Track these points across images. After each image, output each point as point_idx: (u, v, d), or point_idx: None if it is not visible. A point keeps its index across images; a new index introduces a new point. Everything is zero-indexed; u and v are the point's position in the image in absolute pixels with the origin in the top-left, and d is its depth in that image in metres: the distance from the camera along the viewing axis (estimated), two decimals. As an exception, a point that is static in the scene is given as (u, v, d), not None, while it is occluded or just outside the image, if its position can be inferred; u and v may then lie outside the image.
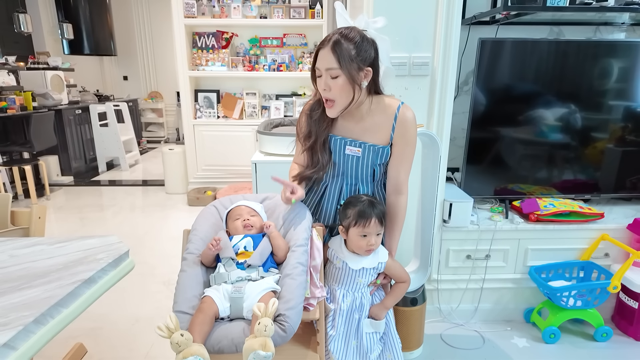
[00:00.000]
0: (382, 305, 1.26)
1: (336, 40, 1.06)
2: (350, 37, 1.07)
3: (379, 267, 1.23)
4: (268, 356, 0.84)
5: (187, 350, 0.84)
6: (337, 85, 1.09)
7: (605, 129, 2.02)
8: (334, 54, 1.06)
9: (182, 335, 0.84)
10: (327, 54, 1.07)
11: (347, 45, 1.06)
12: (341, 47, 1.05)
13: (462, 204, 1.82)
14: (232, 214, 1.22)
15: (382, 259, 1.23)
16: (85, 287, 0.98)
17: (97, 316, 2.04)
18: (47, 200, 3.96)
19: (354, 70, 1.08)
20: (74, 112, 4.71)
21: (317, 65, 1.12)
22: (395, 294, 1.28)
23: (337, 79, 1.08)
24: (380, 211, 1.18)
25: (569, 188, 2.08)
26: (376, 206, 1.18)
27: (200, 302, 0.99)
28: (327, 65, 1.08)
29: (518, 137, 2.02)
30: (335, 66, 1.06)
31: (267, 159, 1.85)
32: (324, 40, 1.10)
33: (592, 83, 1.95)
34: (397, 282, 1.29)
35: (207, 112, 3.93)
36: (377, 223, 1.17)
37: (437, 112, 1.72)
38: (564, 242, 1.92)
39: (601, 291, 1.78)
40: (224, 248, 1.08)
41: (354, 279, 1.22)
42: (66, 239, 1.22)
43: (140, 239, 3.06)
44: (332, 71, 1.08)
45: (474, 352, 1.77)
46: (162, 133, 7.02)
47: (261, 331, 0.85)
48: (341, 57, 1.05)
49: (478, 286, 1.95)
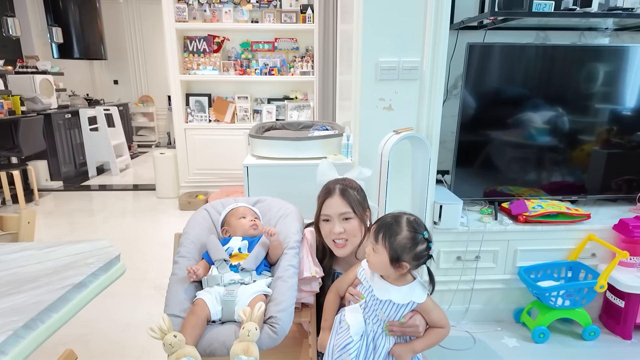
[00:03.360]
0: (409, 346, 1.06)
1: (343, 189, 1.21)
2: (352, 185, 1.24)
3: (410, 306, 1.04)
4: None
5: (180, 351, 0.84)
6: (351, 227, 1.20)
7: (591, 131, 2.06)
8: (345, 200, 1.20)
9: (175, 336, 0.84)
10: (337, 200, 1.20)
11: (352, 192, 1.22)
12: (349, 194, 1.21)
13: (452, 206, 1.85)
14: (237, 213, 1.23)
15: (417, 299, 1.03)
16: (75, 292, 0.98)
17: (87, 322, 2.02)
18: (36, 205, 3.91)
19: (361, 212, 1.22)
20: (64, 116, 4.66)
21: (326, 212, 1.21)
22: (429, 340, 1.07)
23: (349, 221, 1.20)
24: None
25: (556, 190, 2.12)
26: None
27: (192, 305, 1.00)
28: (341, 210, 1.19)
29: (507, 140, 2.05)
30: (349, 210, 1.19)
31: (259, 162, 1.86)
32: (328, 190, 1.22)
33: (578, 87, 1.99)
34: (433, 327, 1.08)
35: (198, 116, 3.92)
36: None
37: (427, 115, 1.74)
38: (552, 243, 1.95)
39: (588, 291, 1.81)
40: (216, 250, 1.08)
41: (376, 310, 1.05)
42: (55, 243, 1.21)
43: (131, 243, 3.04)
44: (345, 215, 1.20)
45: (465, 352, 1.79)
46: (153, 137, 6.97)
47: (244, 336, 0.86)
48: (352, 202, 1.20)
49: (468, 287, 1.97)
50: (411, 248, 1.00)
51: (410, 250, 1.00)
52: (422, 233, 1.01)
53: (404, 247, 1.00)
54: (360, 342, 1.04)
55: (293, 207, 1.32)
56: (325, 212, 1.21)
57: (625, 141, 2.09)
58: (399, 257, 1.00)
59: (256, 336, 0.87)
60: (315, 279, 1.17)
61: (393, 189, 1.61)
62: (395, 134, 1.54)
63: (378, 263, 1.03)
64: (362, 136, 1.76)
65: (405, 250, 1.00)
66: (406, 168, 1.75)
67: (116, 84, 6.90)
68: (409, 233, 1.00)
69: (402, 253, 1.00)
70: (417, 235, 1.01)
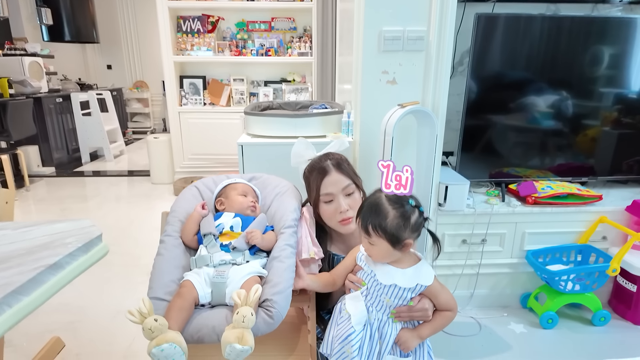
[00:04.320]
0: (415, 332, 0.99)
1: (336, 163, 1.15)
2: (342, 158, 1.20)
3: (417, 289, 0.96)
4: (245, 350, 0.75)
5: (162, 336, 0.75)
6: (354, 201, 1.15)
7: (602, 111, 1.96)
8: (343, 174, 1.14)
9: (156, 320, 0.75)
10: (336, 176, 1.14)
11: (346, 164, 1.18)
12: (344, 166, 1.16)
13: (458, 187, 1.75)
14: (237, 188, 1.14)
15: (424, 281, 0.96)
16: (49, 274, 0.89)
17: (76, 309, 1.94)
18: (27, 191, 3.80)
19: (359, 182, 1.19)
20: (55, 100, 4.53)
21: (328, 191, 1.14)
22: (436, 324, 1.00)
23: (352, 194, 1.15)
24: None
25: (565, 171, 2.03)
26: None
27: (179, 287, 0.90)
28: (343, 185, 1.13)
29: (515, 119, 1.95)
30: (349, 182, 1.14)
31: (254, 140, 1.75)
32: (321, 170, 1.15)
33: (591, 61, 1.88)
34: (439, 310, 1.01)
35: (192, 99, 3.80)
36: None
37: (433, 90, 1.63)
38: (561, 226, 1.87)
39: (600, 275, 1.73)
40: (206, 223, 0.99)
41: (380, 296, 0.97)
42: (33, 223, 1.12)
43: (124, 229, 2.95)
44: (347, 189, 1.14)
45: (471, 338, 1.72)
46: (148, 123, 6.83)
47: (239, 322, 0.77)
48: (350, 174, 1.16)
49: (474, 272, 1.89)
50: (405, 224, 0.92)
51: (405, 226, 0.92)
52: (409, 203, 0.94)
53: (398, 226, 0.92)
54: (363, 332, 0.96)
55: (290, 184, 1.22)
56: (326, 192, 1.13)
57: (637, 121, 1.99)
58: (399, 238, 0.93)
59: (252, 322, 0.78)
60: (315, 261, 1.08)
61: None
62: (400, 108, 1.44)
63: (381, 253, 0.96)
64: (364, 112, 1.65)
65: (401, 228, 0.92)
66: (410, 147, 1.65)
67: (109, 68, 6.73)
68: (396, 210, 0.93)
69: (399, 233, 0.92)
70: (404, 208, 0.93)
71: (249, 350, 0.76)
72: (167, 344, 0.73)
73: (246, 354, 0.76)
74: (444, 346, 1.64)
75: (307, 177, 1.19)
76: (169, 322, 0.79)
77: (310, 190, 1.17)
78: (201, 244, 1.00)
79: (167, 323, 0.76)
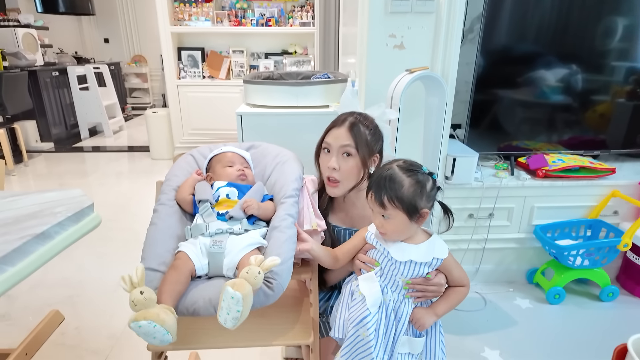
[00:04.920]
0: (431, 310, 0.95)
1: (353, 122, 1.05)
2: (366, 122, 1.07)
3: (434, 264, 0.93)
4: (236, 296, 0.70)
5: (143, 312, 0.70)
6: (348, 165, 1.05)
7: (614, 85, 1.87)
8: (351, 134, 1.04)
9: (142, 293, 0.70)
10: (343, 132, 1.04)
11: (364, 129, 1.05)
12: (359, 129, 1.04)
13: (467, 159, 1.69)
14: (222, 159, 1.07)
15: (439, 255, 0.92)
16: (37, 244, 0.84)
17: (75, 283, 1.92)
18: (26, 166, 3.75)
19: (366, 154, 1.06)
20: (51, 74, 4.41)
21: (328, 140, 1.06)
22: (451, 301, 0.97)
23: (349, 158, 1.05)
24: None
25: (577, 144, 1.95)
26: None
27: (173, 258, 0.85)
28: (343, 142, 1.04)
29: (527, 89, 1.86)
30: (352, 144, 1.04)
31: (254, 110, 1.68)
32: (337, 120, 1.07)
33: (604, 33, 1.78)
34: (453, 286, 0.98)
35: (191, 72, 3.69)
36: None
37: (443, 56, 1.55)
38: (572, 200, 1.81)
39: (610, 250, 1.69)
40: (202, 190, 0.93)
41: (395, 275, 0.93)
42: (22, 192, 1.07)
43: (124, 205, 2.91)
44: (346, 148, 1.04)
45: (476, 313, 1.69)
46: (147, 99, 6.71)
47: (243, 273, 0.73)
48: (358, 138, 1.04)
49: (480, 246, 1.85)
50: (422, 191, 0.88)
51: (422, 194, 0.88)
52: (422, 170, 0.89)
53: (415, 194, 0.87)
54: (378, 313, 0.92)
55: (291, 154, 1.16)
56: (327, 140, 1.06)
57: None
58: (416, 206, 0.87)
59: (255, 279, 0.74)
60: (317, 233, 1.03)
61: (402, 141, 1.44)
62: (409, 74, 1.36)
63: (397, 227, 0.90)
64: (370, 80, 1.57)
65: (417, 196, 0.87)
66: (417, 119, 1.58)
67: (107, 42, 6.56)
68: (411, 178, 0.88)
69: (416, 201, 0.87)
70: (419, 176, 0.88)
71: (240, 297, 0.71)
72: (146, 322, 0.68)
73: (237, 305, 0.71)
74: (449, 321, 1.61)
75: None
76: (162, 296, 0.75)
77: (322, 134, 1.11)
78: (197, 212, 0.95)
79: (155, 297, 0.71)
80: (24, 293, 1.83)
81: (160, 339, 0.70)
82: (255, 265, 0.75)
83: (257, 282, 0.74)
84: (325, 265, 0.99)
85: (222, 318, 0.72)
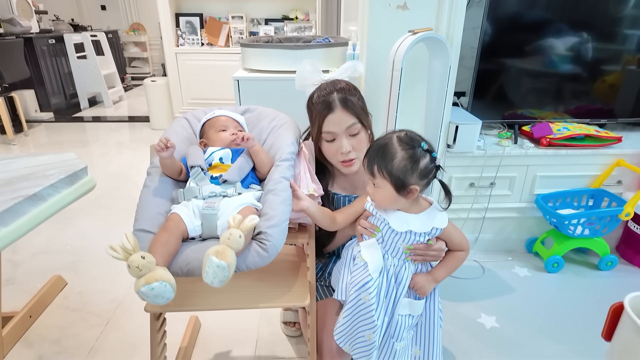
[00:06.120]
0: (430, 276, 0.96)
1: (343, 99, 1.02)
2: (350, 91, 1.05)
3: (433, 233, 0.93)
4: (222, 265, 0.70)
5: (151, 275, 0.70)
6: (359, 142, 1.04)
7: (625, 54, 1.79)
8: (348, 112, 1.02)
9: (144, 257, 0.70)
10: (340, 114, 1.02)
11: (353, 99, 1.03)
12: (351, 102, 1.02)
13: (470, 127, 1.65)
14: (215, 124, 1.04)
15: (438, 224, 0.92)
16: (29, 205, 0.83)
17: (78, 249, 1.95)
18: (26, 136, 3.74)
19: (366, 120, 1.06)
20: (47, 41, 4.32)
21: (330, 130, 1.03)
22: (449, 265, 0.98)
23: (358, 134, 1.04)
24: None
25: (583, 113, 1.90)
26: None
27: (165, 220, 0.85)
28: (347, 124, 1.02)
29: (535, 58, 1.79)
30: (355, 121, 1.02)
31: (252, 75, 1.63)
32: (325, 104, 1.02)
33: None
34: (452, 250, 0.98)
35: (190, 39, 3.59)
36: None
37: (447, 17, 1.48)
38: (575, 169, 1.78)
39: (611, 219, 1.67)
40: (194, 155, 0.92)
41: (396, 243, 0.93)
42: (15, 156, 1.05)
43: (125, 174, 2.91)
44: (351, 128, 1.03)
45: (473, 281, 1.70)
46: (147, 69, 6.60)
47: (224, 239, 0.72)
48: (356, 111, 1.02)
49: (480, 216, 1.84)
50: (413, 167, 0.85)
51: (413, 170, 0.85)
52: (420, 146, 0.86)
53: (405, 168, 0.85)
54: (379, 278, 0.93)
55: (288, 117, 1.13)
56: (328, 130, 1.03)
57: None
58: (404, 182, 0.85)
59: (237, 244, 0.73)
60: (314, 198, 1.02)
61: (404, 107, 1.40)
62: (412, 35, 1.30)
63: (384, 198, 0.89)
64: (371, 43, 1.51)
65: (407, 171, 0.85)
66: (420, 84, 1.53)
67: (104, 9, 6.38)
68: (405, 152, 0.85)
69: (405, 176, 0.85)
70: (415, 150, 0.85)
71: (225, 266, 0.71)
72: (158, 283, 0.68)
73: (223, 272, 0.71)
74: (447, 288, 1.63)
75: (311, 107, 1.08)
76: (154, 257, 0.74)
77: (313, 124, 1.07)
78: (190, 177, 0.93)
79: (154, 260, 0.71)
80: (28, 259, 1.86)
81: (167, 297, 0.71)
82: (235, 228, 0.74)
83: (239, 245, 0.74)
84: (322, 225, 0.99)
85: (209, 280, 0.73)
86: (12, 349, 1.34)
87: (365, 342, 0.95)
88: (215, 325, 1.46)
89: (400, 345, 0.96)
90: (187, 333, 1.33)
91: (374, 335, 0.93)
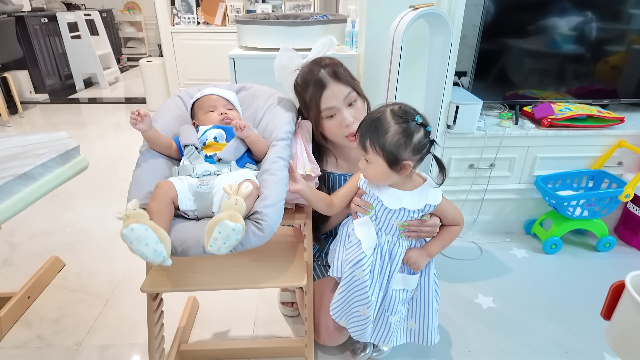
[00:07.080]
0: (424, 251, 0.96)
1: (333, 72, 1.01)
2: (336, 62, 1.04)
3: (427, 209, 0.91)
4: (237, 228, 0.69)
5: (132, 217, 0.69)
6: (358, 109, 1.04)
7: (630, 34, 1.75)
8: (342, 82, 1.01)
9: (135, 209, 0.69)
10: (335, 87, 1.00)
11: (342, 70, 1.03)
12: (341, 73, 1.02)
13: (470, 107, 1.62)
14: (203, 104, 1.02)
15: (432, 201, 0.91)
16: (20, 184, 0.82)
17: (76, 230, 1.94)
18: (21, 117, 3.69)
19: (358, 87, 1.06)
20: (40, 20, 4.22)
21: (330, 105, 1.01)
22: (443, 239, 0.97)
23: (356, 103, 1.04)
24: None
25: (586, 94, 1.87)
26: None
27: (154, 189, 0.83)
28: (343, 95, 1.01)
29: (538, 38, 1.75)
30: (350, 89, 1.02)
31: (247, 53, 1.60)
32: (317, 83, 1.00)
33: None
34: (446, 225, 0.97)
35: (185, 18, 3.51)
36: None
37: (449, -8, 1.43)
38: (576, 150, 1.76)
39: (610, 200, 1.66)
40: (187, 134, 0.89)
41: (389, 220, 0.92)
42: (6, 135, 1.03)
43: (122, 156, 2.89)
44: (349, 97, 1.02)
45: (471, 262, 1.70)
46: (143, 49, 6.47)
47: (231, 205, 0.71)
48: (348, 80, 1.02)
49: (479, 197, 1.83)
50: (407, 142, 0.83)
51: (406, 145, 0.83)
52: (414, 119, 0.83)
53: (398, 143, 0.82)
54: (373, 255, 0.93)
55: (284, 96, 1.10)
56: (328, 106, 1.01)
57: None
58: (397, 157, 0.83)
59: (243, 210, 0.73)
60: (311, 178, 1.00)
61: (403, 86, 1.37)
62: (412, 10, 1.26)
63: (377, 174, 0.88)
64: (371, 19, 1.47)
65: (400, 146, 0.83)
66: (420, 62, 1.49)
67: (97, -13, 6.20)
68: (399, 126, 0.83)
69: (398, 151, 0.83)
70: (409, 124, 0.83)
71: (240, 228, 0.70)
72: (138, 224, 0.67)
73: (237, 235, 0.70)
74: (444, 269, 1.63)
75: (301, 93, 1.05)
76: None
77: (309, 107, 1.04)
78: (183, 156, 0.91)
79: (147, 214, 0.70)
80: (26, 240, 1.85)
81: (154, 247, 0.69)
82: (234, 194, 0.73)
83: (244, 211, 0.74)
84: (318, 209, 0.98)
85: (216, 247, 0.71)
86: (10, 329, 1.34)
87: (360, 317, 0.96)
88: (213, 306, 1.46)
89: (395, 318, 0.97)
90: (185, 313, 1.33)
91: (369, 310, 0.93)
